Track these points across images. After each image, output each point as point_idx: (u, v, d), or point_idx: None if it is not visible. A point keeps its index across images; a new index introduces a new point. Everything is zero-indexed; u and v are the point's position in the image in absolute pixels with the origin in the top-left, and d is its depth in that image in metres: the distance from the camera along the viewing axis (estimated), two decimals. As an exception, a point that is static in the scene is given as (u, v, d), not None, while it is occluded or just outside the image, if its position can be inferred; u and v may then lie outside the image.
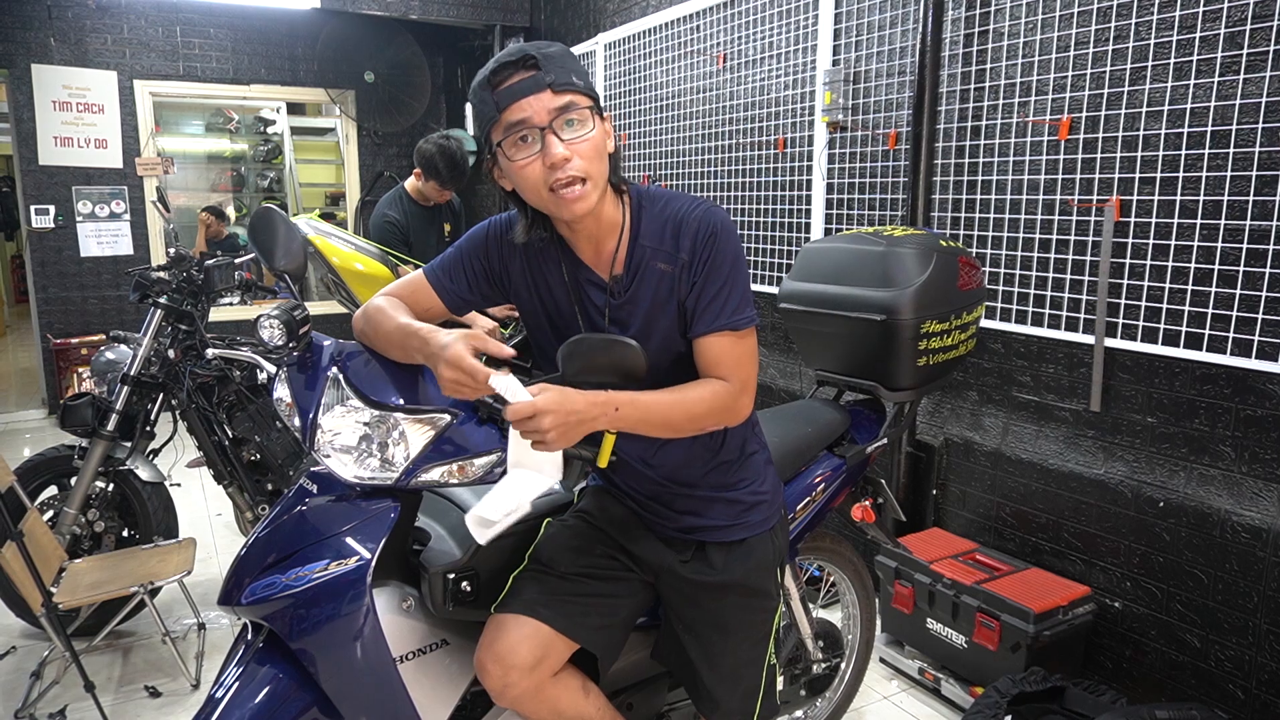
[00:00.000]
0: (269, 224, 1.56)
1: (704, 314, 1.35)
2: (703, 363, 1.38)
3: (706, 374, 1.38)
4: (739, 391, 1.37)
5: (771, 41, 3.53)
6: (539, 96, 1.24)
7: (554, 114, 1.24)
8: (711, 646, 1.51)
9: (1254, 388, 2.11)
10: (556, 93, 1.24)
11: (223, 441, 2.98)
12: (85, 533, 2.87)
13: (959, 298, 2.03)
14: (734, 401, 1.37)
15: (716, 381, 1.36)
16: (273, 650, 1.42)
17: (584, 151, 1.27)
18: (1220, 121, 2.12)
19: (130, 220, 5.83)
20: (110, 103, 5.69)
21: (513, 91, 1.25)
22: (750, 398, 1.40)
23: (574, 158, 1.26)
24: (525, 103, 1.24)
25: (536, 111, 1.24)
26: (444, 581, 1.47)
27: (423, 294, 1.50)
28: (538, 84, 1.24)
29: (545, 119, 1.24)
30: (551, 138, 1.25)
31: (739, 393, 1.37)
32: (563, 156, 1.25)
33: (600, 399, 1.26)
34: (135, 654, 2.86)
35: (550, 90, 1.24)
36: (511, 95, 1.25)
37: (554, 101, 1.24)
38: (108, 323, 5.80)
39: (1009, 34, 2.60)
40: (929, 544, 2.77)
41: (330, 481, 1.43)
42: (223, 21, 6.00)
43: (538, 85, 1.24)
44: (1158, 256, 2.27)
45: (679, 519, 1.53)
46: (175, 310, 2.85)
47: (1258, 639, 2.14)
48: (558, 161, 1.25)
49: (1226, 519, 2.18)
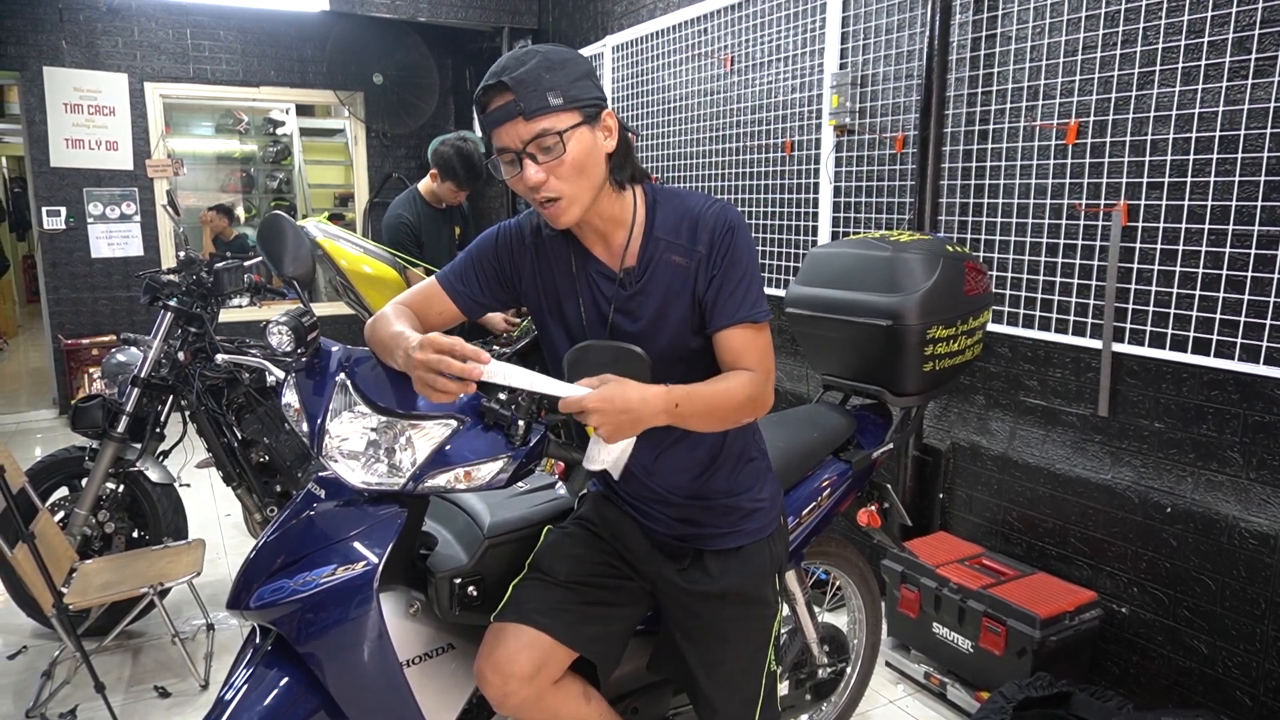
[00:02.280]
0: (277, 231, 1.57)
1: (724, 307, 1.37)
2: (727, 355, 1.40)
3: (731, 366, 1.39)
4: (764, 380, 1.39)
5: (779, 44, 3.53)
6: (513, 125, 1.27)
7: (526, 142, 1.27)
8: (709, 654, 1.52)
9: (1262, 393, 2.10)
10: (529, 120, 1.26)
11: (232, 443, 3.00)
12: (96, 533, 2.90)
13: (965, 303, 2.03)
14: (762, 390, 1.38)
15: (745, 372, 1.38)
16: (281, 653, 1.43)
17: (559, 173, 1.29)
18: (1228, 126, 2.11)
19: (141, 221, 5.87)
20: (121, 105, 5.73)
21: (493, 118, 1.28)
22: (772, 389, 1.41)
23: (548, 179, 1.29)
24: (502, 130, 1.28)
25: (511, 139, 1.28)
26: (450, 586, 1.48)
27: (436, 299, 1.51)
28: (510, 112, 1.26)
29: (519, 146, 1.28)
30: (527, 162, 1.28)
31: (764, 381, 1.39)
32: (537, 180, 1.29)
33: (660, 396, 1.27)
34: (145, 654, 2.88)
35: (521, 118, 1.26)
36: (492, 121, 1.29)
37: (526, 130, 1.26)
38: (118, 323, 5.84)
39: (1016, 38, 2.60)
40: (935, 548, 2.76)
41: (338, 486, 1.44)
42: (232, 24, 6.03)
43: (510, 113, 1.26)
44: (1165, 261, 2.27)
45: (677, 526, 1.53)
46: (185, 313, 2.87)
47: (1265, 645, 2.13)
48: (533, 184, 1.29)
49: (1234, 525, 2.17)
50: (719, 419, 1.38)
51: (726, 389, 1.35)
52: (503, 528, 1.58)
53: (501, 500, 1.65)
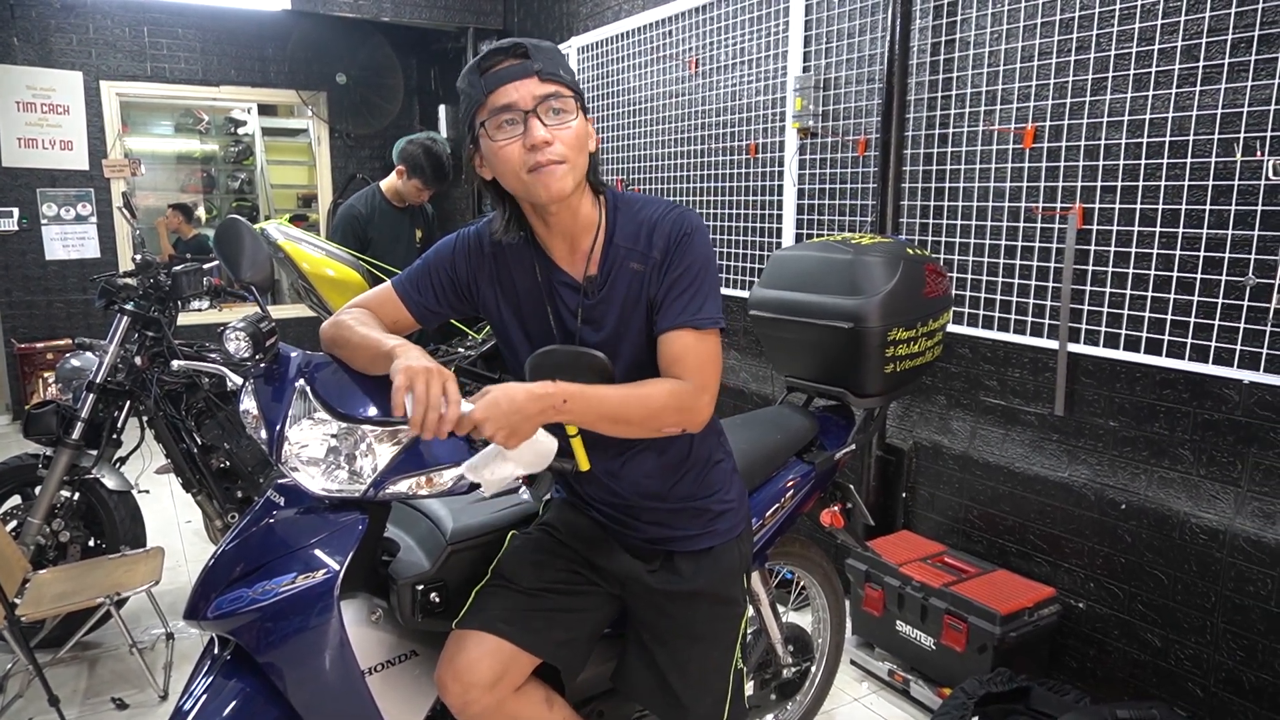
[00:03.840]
0: (234, 235, 1.55)
1: (669, 309, 1.36)
2: (663, 360, 1.36)
3: (667, 372, 1.36)
4: (697, 391, 1.34)
5: (743, 47, 3.55)
6: (525, 82, 1.28)
7: (538, 100, 1.28)
8: (680, 654, 1.52)
9: (1211, 392, 2.16)
10: (543, 80, 1.28)
11: (191, 449, 2.95)
12: (50, 543, 2.83)
13: (925, 305, 2.06)
14: (693, 401, 1.33)
15: (674, 380, 1.34)
16: (240, 663, 1.41)
17: (565, 138, 1.30)
18: (1178, 132, 2.17)
19: (97, 223, 5.75)
20: (76, 103, 5.60)
21: (500, 76, 1.28)
22: (711, 400, 1.37)
23: (555, 142, 1.29)
24: (511, 87, 1.28)
25: (522, 96, 1.28)
26: (413, 593, 1.47)
27: (390, 305, 1.50)
28: (525, 70, 1.28)
29: (530, 104, 1.28)
30: (534, 120, 1.28)
31: (697, 392, 1.34)
32: (544, 139, 1.28)
33: (544, 391, 1.25)
34: (102, 665, 2.83)
35: (537, 77, 1.28)
36: (499, 79, 1.28)
37: (540, 89, 1.28)
38: (73, 327, 5.71)
39: (975, 43, 2.64)
40: (898, 547, 2.80)
41: (297, 494, 1.42)
42: (191, 22, 5.93)
43: (525, 71, 1.28)
44: (1119, 264, 2.32)
45: (647, 529, 1.53)
46: (142, 317, 2.82)
47: (1215, 638, 2.19)
48: (538, 143, 1.28)
49: (1186, 521, 2.23)
50: (626, 423, 1.32)
51: (638, 394, 1.32)
52: (465, 533, 1.57)
53: (464, 505, 1.64)
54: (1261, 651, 2.10)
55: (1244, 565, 2.11)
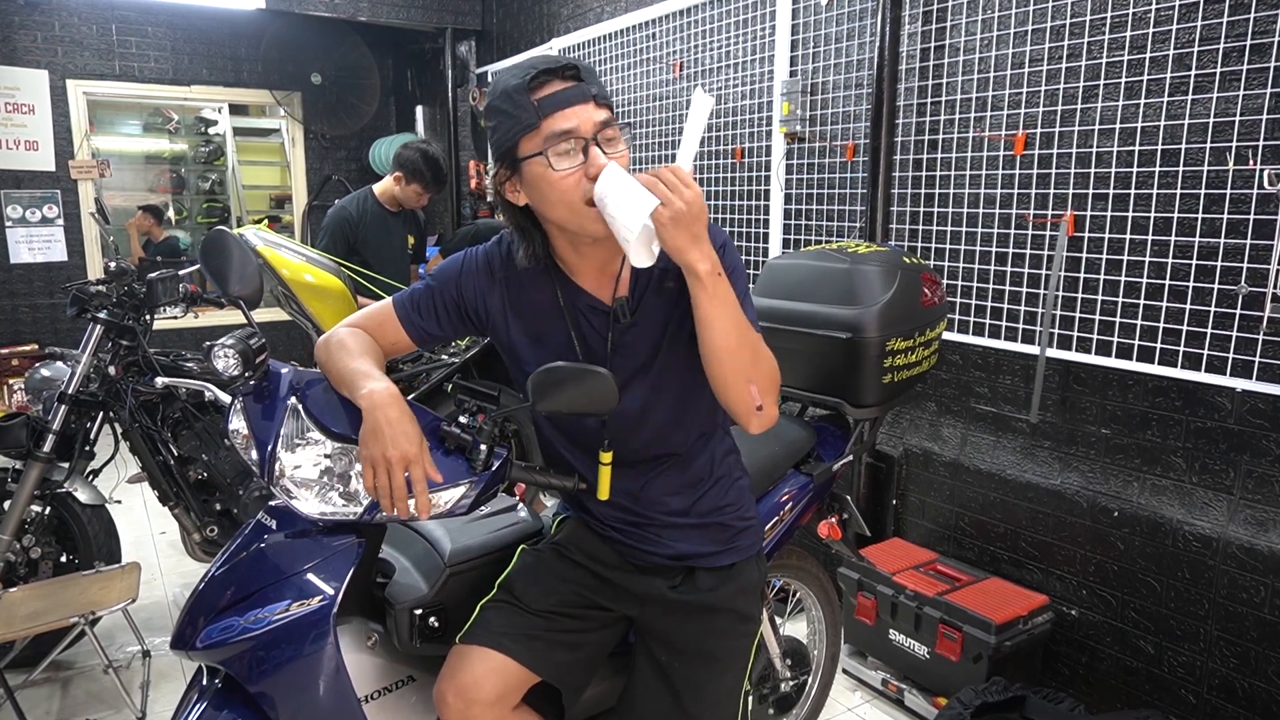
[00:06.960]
0: (222, 248, 1.49)
1: None
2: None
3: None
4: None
5: (729, 50, 3.53)
6: (584, 107, 1.22)
7: (598, 127, 1.23)
8: (697, 674, 1.48)
9: (1203, 400, 2.16)
10: (599, 105, 1.23)
11: (168, 461, 2.87)
12: (20, 560, 2.74)
13: (922, 315, 2.04)
14: (776, 391, 1.33)
15: None
16: (231, 693, 1.36)
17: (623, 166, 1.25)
18: (1170, 141, 2.17)
19: (64, 226, 5.60)
20: (41, 103, 5.46)
21: (557, 100, 1.21)
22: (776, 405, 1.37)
23: None
24: (572, 111, 1.21)
25: (583, 122, 1.22)
26: (410, 617, 1.42)
27: (390, 327, 1.45)
28: (583, 94, 1.22)
29: (590, 130, 1.22)
30: (595, 150, 1.22)
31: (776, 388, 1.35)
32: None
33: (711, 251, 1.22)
34: (76, 686, 2.74)
35: (594, 102, 1.23)
36: (556, 103, 1.21)
37: (598, 115, 1.23)
38: (40, 332, 5.57)
39: (965, 49, 2.63)
40: (890, 555, 2.79)
41: (290, 517, 1.37)
42: (161, 20, 5.80)
43: (583, 95, 1.22)
44: (1111, 271, 2.32)
45: (670, 546, 1.49)
46: (116, 325, 2.73)
47: (1208, 645, 2.19)
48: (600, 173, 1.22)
49: (1178, 528, 2.23)
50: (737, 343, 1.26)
51: (757, 335, 1.30)
52: (465, 554, 1.52)
53: (461, 525, 1.60)
54: (1254, 658, 2.11)
55: (1236, 572, 2.12)
